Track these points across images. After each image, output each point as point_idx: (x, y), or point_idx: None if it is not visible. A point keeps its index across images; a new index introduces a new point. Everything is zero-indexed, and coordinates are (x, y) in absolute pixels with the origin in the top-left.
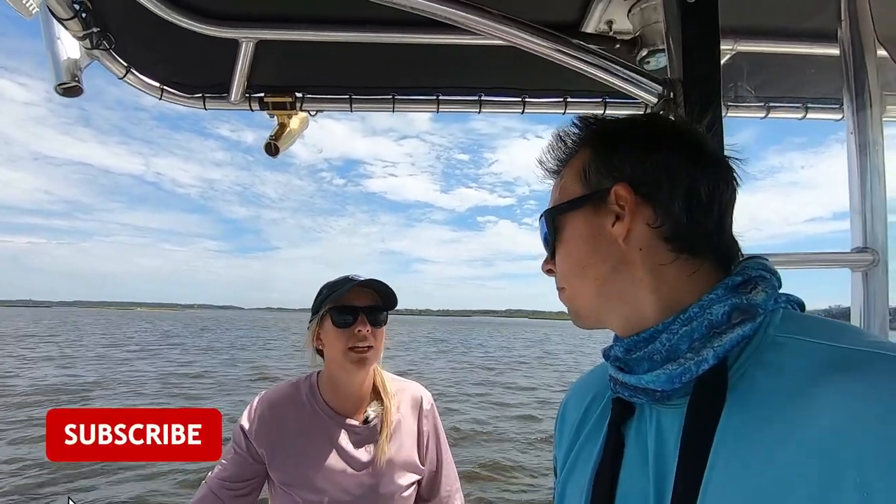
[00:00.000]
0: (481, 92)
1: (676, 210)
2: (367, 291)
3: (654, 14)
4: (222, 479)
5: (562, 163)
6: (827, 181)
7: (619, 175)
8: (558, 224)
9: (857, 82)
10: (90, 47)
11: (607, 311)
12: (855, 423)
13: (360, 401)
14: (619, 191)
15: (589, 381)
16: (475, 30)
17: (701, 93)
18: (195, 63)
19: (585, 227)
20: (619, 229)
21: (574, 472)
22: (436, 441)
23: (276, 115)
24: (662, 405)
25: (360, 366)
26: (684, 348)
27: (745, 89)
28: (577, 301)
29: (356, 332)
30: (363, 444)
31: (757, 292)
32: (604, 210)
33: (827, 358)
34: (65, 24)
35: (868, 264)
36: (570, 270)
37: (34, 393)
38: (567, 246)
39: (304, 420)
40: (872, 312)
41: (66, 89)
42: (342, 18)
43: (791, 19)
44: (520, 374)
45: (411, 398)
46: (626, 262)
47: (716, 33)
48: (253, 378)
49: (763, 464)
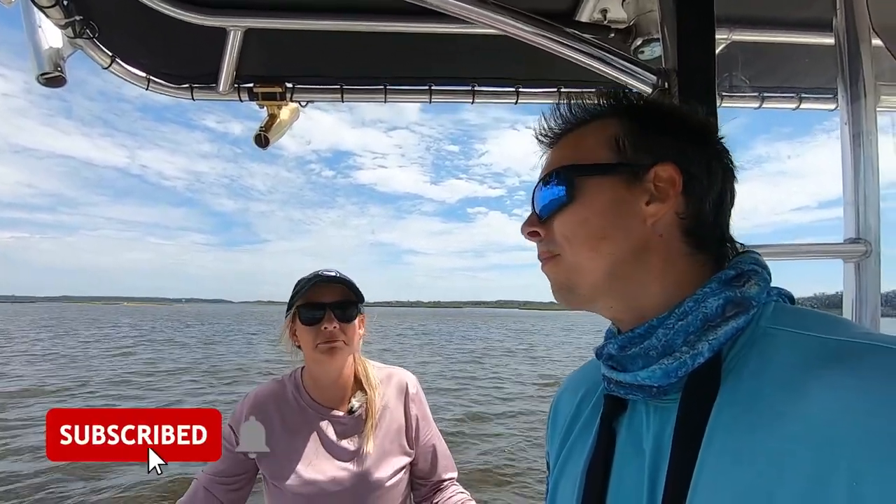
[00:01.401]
0: (474, 82)
1: (706, 208)
2: (337, 287)
3: (648, 3)
4: (214, 475)
5: (577, 125)
6: (813, 171)
7: (662, 156)
8: (578, 185)
9: (851, 72)
10: (73, 36)
11: (611, 293)
12: (846, 416)
13: (342, 392)
14: (663, 172)
15: (580, 377)
16: (468, 19)
17: (696, 82)
18: (182, 52)
19: (613, 197)
20: (655, 210)
21: (566, 467)
22: (426, 423)
23: (265, 105)
24: (658, 401)
25: (331, 355)
26: (680, 342)
27: (740, 79)
28: (576, 274)
29: (323, 329)
30: (349, 434)
31: (750, 285)
32: (638, 186)
33: (818, 350)
34: (46, 11)
35: (861, 255)
36: (579, 239)
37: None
38: (583, 211)
39: (290, 416)
40: (865, 303)
41: (49, 79)
42: (333, 7)
43: (786, 8)
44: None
45: (396, 384)
46: (646, 246)
47: (711, 22)
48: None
49: (755, 455)
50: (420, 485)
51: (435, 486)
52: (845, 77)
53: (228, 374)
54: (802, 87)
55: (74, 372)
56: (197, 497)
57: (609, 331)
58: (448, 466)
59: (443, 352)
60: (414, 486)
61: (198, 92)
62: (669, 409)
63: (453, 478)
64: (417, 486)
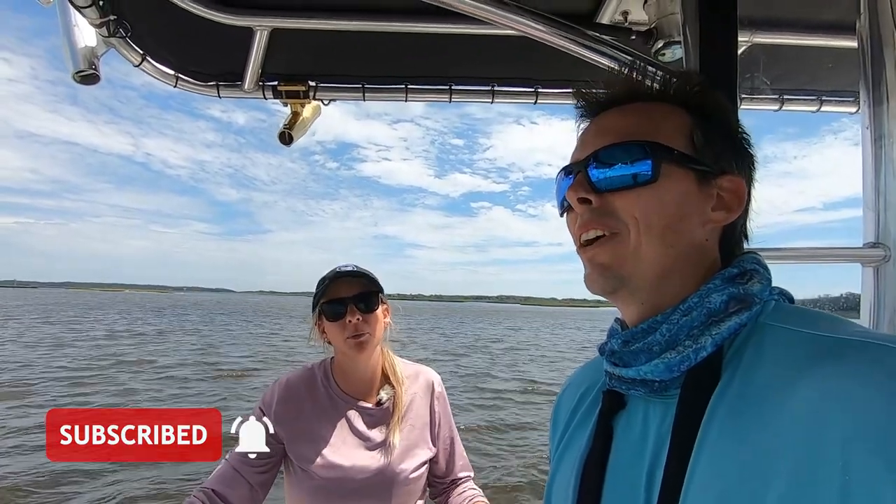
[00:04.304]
0: (494, 82)
1: (741, 222)
2: (355, 280)
3: (670, 5)
4: (243, 456)
5: (645, 97)
6: (819, 172)
7: (728, 165)
8: (664, 167)
9: (874, 75)
10: (107, 35)
11: (655, 288)
12: (836, 408)
13: (370, 384)
14: (731, 183)
15: (583, 375)
16: (489, 20)
17: (717, 85)
18: (210, 51)
19: (688, 190)
20: (718, 217)
21: (563, 459)
22: (447, 422)
23: (289, 103)
24: (658, 396)
25: (360, 350)
26: (683, 337)
27: (762, 81)
28: (634, 262)
29: (348, 323)
30: (376, 425)
31: (753, 283)
32: (705, 188)
33: (817, 345)
34: (82, 11)
35: (880, 260)
36: (652, 224)
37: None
38: (664, 195)
39: (320, 403)
40: (883, 307)
41: (84, 77)
42: (356, 7)
43: (809, 11)
44: None
45: (423, 382)
46: (697, 248)
47: (733, 25)
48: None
49: (749, 446)
50: (437, 482)
51: (451, 484)
52: (868, 80)
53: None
54: (823, 90)
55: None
56: (226, 477)
57: (612, 328)
58: (464, 466)
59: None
60: (431, 483)
61: (224, 90)
62: (669, 404)
63: (469, 476)
64: (434, 483)
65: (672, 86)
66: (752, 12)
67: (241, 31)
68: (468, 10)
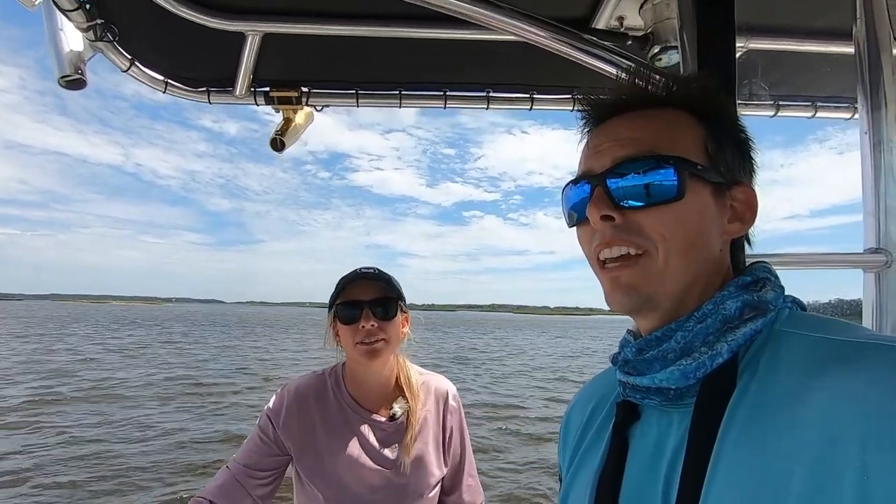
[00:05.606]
0: (489, 87)
1: (749, 230)
2: (375, 284)
3: (666, 10)
4: (247, 466)
5: (656, 103)
6: (805, 179)
7: (739, 175)
8: (688, 182)
9: (871, 81)
10: (94, 39)
11: (675, 302)
12: (851, 410)
13: (384, 395)
14: (743, 194)
15: (592, 389)
16: (484, 25)
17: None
18: (200, 56)
19: (706, 203)
20: (734, 229)
21: (577, 477)
22: (460, 434)
23: (281, 109)
24: (674, 406)
25: (372, 357)
26: (699, 344)
27: (759, 86)
28: (660, 280)
29: (361, 328)
30: (389, 441)
31: (766, 290)
32: (720, 200)
33: (831, 350)
34: (68, 14)
35: (881, 265)
36: (678, 242)
37: None
38: (687, 212)
39: (330, 414)
40: (885, 313)
41: (70, 82)
42: (349, 12)
43: (806, 17)
44: None
45: (436, 392)
46: (714, 261)
47: (731, 30)
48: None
49: (766, 452)
50: (441, 501)
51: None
52: (865, 86)
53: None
54: (819, 96)
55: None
56: (226, 488)
57: (624, 338)
58: (473, 490)
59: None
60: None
61: (214, 95)
62: (684, 413)
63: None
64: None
65: (680, 90)
66: (748, 18)
67: (232, 35)
68: (464, 14)
